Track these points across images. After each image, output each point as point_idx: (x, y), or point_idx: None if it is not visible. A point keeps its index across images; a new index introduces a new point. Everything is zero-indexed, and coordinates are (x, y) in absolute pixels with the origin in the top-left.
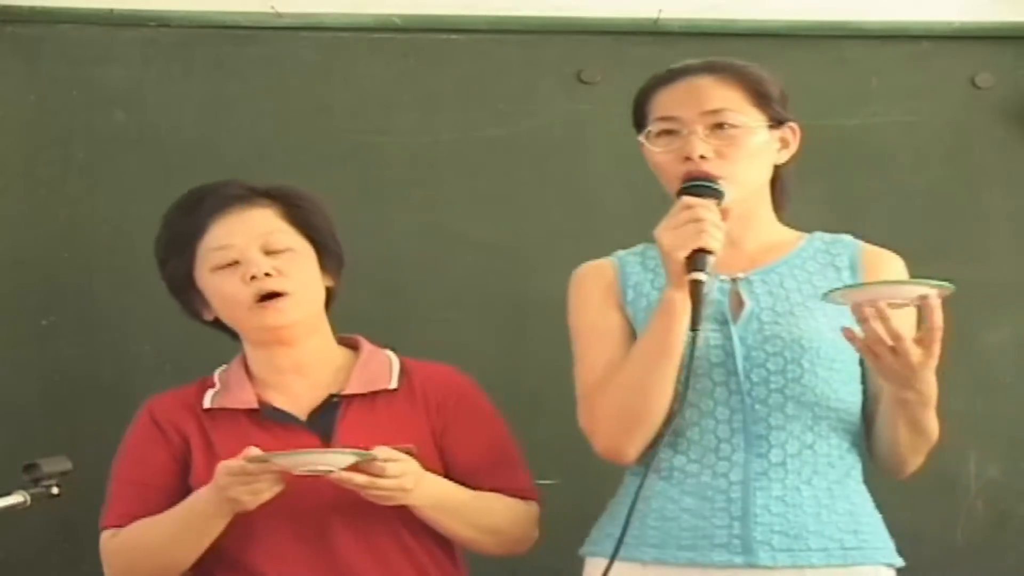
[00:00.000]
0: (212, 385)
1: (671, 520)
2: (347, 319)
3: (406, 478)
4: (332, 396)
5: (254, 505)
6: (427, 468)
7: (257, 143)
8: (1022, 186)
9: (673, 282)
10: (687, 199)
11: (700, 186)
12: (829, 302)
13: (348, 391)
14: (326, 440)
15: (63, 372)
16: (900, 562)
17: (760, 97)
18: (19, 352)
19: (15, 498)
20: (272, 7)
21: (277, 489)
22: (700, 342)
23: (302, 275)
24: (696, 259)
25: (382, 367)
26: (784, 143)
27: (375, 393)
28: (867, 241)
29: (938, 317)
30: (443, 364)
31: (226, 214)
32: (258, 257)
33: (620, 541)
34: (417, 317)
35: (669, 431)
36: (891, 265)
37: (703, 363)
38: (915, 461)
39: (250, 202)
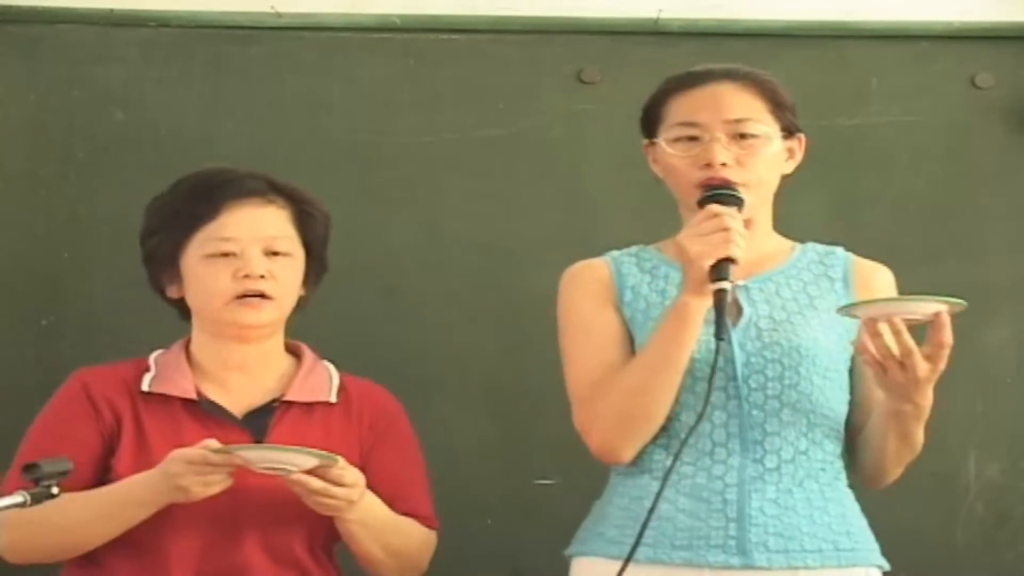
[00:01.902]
0: (148, 368)
1: (666, 520)
2: (347, 319)
3: (356, 489)
4: (273, 401)
5: (201, 497)
6: None
7: (257, 143)
8: (1022, 186)
9: (692, 289)
10: (714, 207)
11: (724, 194)
12: (844, 315)
13: (288, 398)
14: (258, 442)
15: (63, 372)
16: (887, 565)
17: (777, 107)
18: (19, 352)
19: (15, 498)
20: (272, 7)
21: (228, 483)
22: (699, 346)
23: (289, 282)
24: (720, 268)
25: (322, 379)
26: (791, 153)
27: (313, 404)
28: (867, 241)
29: (947, 334)
30: (374, 383)
31: (241, 206)
32: (258, 257)
33: (637, 542)
34: (417, 317)
35: (692, 438)
36: (881, 277)
37: (702, 367)
38: (896, 472)
39: (268, 199)
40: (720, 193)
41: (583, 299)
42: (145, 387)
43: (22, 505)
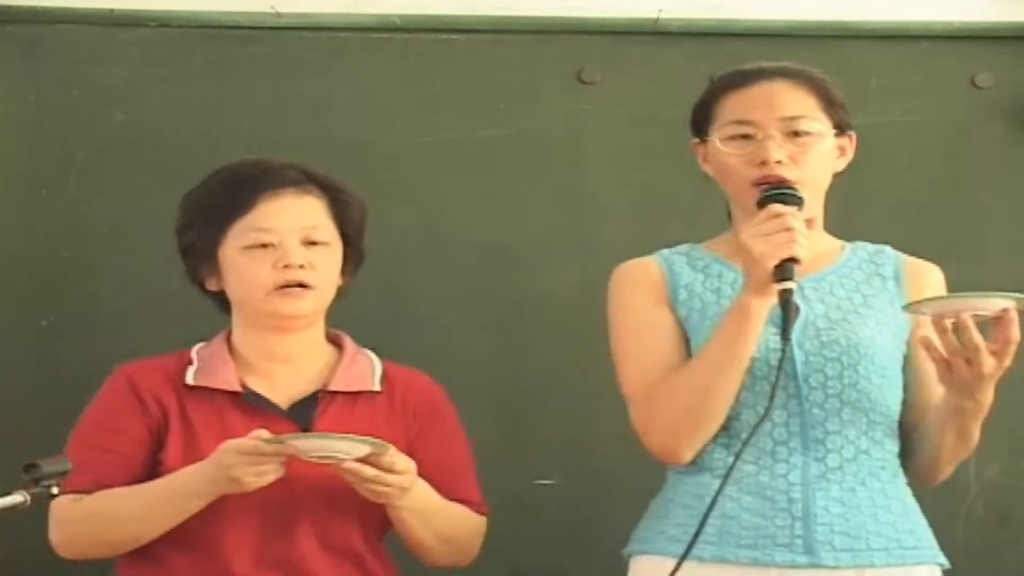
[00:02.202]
0: (190, 361)
1: (731, 519)
2: (347, 319)
3: (408, 476)
4: (316, 391)
5: (255, 487)
6: None
7: (257, 143)
8: (1022, 186)
9: (754, 289)
10: (777, 207)
11: (785, 193)
12: (911, 313)
13: (331, 388)
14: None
15: (63, 372)
16: (947, 563)
17: (829, 104)
18: (19, 352)
19: (15, 498)
20: (272, 7)
21: (280, 473)
22: (760, 345)
23: (328, 271)
24: (784, 268)
25: (365, 368)
26: (842, 151)
27: (357, 393)
28: (867, 241)
29: (1016, 331)
30: (419, 371)
31: (278, 196)
32: (296, 247)
33: (694, 539)
34: (417, 317)
35: (753, 437)
36: (933, 275)
37: (761, 366)
38: (948, 471)
39: (304, 190)
40: (781, 192)
41: (636, 298)
42: (189, 380)
43: (22, 505)
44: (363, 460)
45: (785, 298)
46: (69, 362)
